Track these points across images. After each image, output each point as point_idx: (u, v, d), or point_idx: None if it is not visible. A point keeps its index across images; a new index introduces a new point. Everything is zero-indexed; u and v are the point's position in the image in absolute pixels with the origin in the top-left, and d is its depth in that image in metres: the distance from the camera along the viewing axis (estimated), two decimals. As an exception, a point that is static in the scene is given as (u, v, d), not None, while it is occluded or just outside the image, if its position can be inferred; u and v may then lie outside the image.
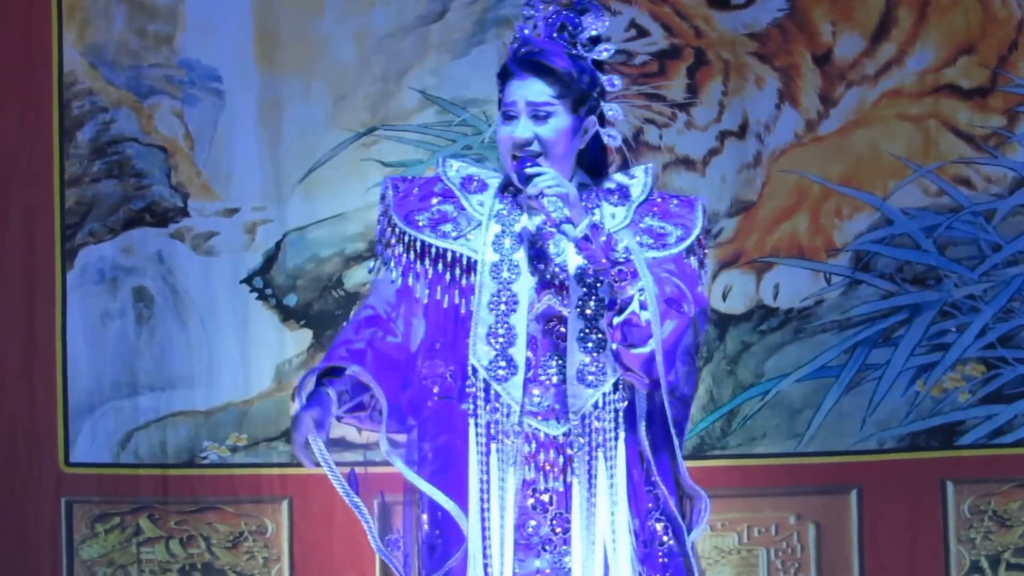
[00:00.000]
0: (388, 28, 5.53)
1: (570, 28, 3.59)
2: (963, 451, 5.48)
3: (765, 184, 5.55)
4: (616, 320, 3.46)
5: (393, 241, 3.61)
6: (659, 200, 3.66)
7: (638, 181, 3.66)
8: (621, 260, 3.45)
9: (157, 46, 5.54)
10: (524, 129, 3.53)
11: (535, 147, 3.53)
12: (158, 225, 5.53)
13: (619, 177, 3.65)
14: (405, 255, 3.59)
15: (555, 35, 3.59)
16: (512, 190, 3.61)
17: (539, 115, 3.53)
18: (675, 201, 3.68)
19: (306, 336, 5.51)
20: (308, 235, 5.50)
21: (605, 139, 3.59)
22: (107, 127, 5.54)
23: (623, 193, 3.63)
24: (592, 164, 3.65)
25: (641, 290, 3.44)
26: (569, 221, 3.43)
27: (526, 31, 3.61)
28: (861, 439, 5.48)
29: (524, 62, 3.56)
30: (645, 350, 3.45)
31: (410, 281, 3.58)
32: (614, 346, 3.49)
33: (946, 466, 5.47)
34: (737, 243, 5.55)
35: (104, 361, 5.50)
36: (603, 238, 3.46)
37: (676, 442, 3.51)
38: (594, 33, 3.62)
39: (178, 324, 5.51)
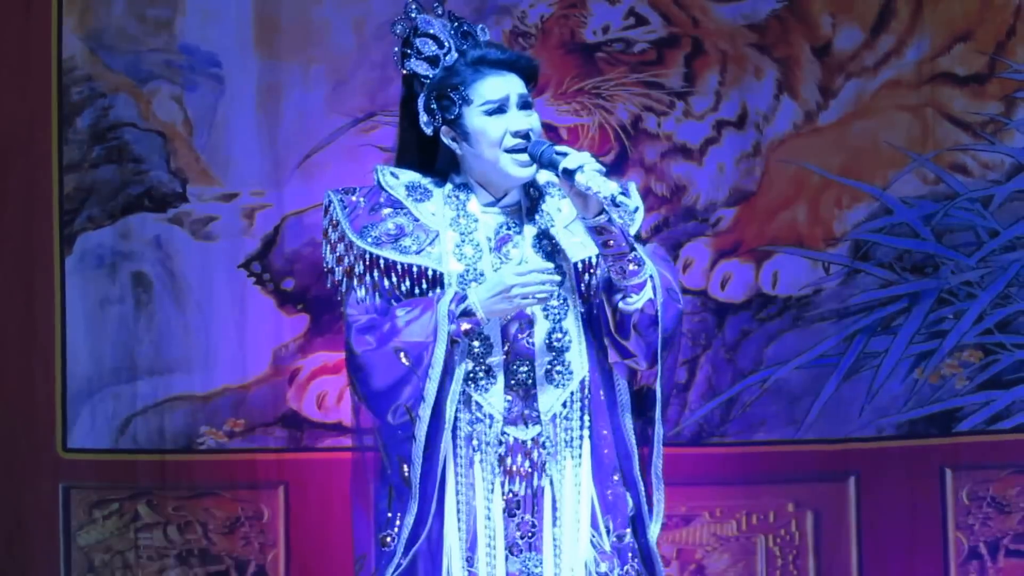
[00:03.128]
0: (387, 14, 5.51)
1: (473, 35, 3.65)
2: (961, 437, 5.48)
3: (764, 174, 5.56)
4: (634, 304, 3.47)
5: (350, 259, 3.59)
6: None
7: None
8: (635, 248, 3.50)
9: (157, 31, 5.55)
10: (522, 120, 3.56)
11: (532, 137, 3.56)
12: (157, 210, 5.53)
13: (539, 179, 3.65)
14: (368, 274, 3.57)
15: (465, 41, 3.63)
16: (464, 196, 3.60)
17: (527, 106, 3.58)
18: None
19: (303, 320, 5.51)
20: (306, 219, 5.50)
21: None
22: (106, 113, 5.54)
23: (536, 187, 3.64)
24: None
25: (651, 276, 3.49)
26: (623, 192, 3.44)
27: (425, 49, 3.64)
28: (860, 426, 5.48)
29: (499, 61, 3.60)
30: (654, 337, 3.49)
31: (377, 300, 3.57)
32: (615, 333, 3.52)
33: (945, 452, 5.47)
34: (736, 232, 5.56)
35: (103, 346, 5.51)
36: (615, 225, 3.48)
37: (656, 435, 3.53)
38: (486, 40, 3.68)
39: (176, 309, 5.52)
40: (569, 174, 3.44)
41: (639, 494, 3.56)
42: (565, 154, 3.48)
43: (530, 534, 3.53)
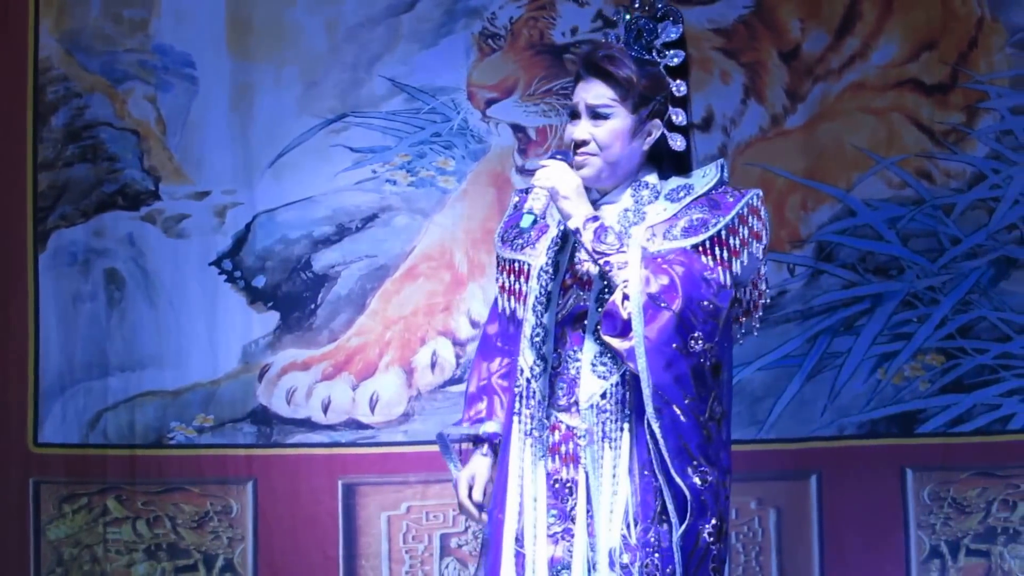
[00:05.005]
0: (359, 17, 5.61)
1: (645, 35, 3.69)
2: (923, 439, 5.53)
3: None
4: (603, 308, 3.56)
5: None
6: (718, 193, 3.71)
7: (707, 177, 3.72)
8: (611, 252, 3.54)
9: (132, 32, 5.60)
10: (582, 129, 3.65)
11: (591, 147, 3.65)
12: (130, 208, 5.59)
13: (696, 174, 3.73)
14: (497, 268, 3.80)
15: (632, 41, 3.69)
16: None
17: (598, 115, 3.65)
18: (730, 195, 3.71)
19: (273, 317, 5.56)
20: (277, 218, 5.56)
21: (669, 143, 3.67)
22: (81, 112, 5.60)
23: (687, 190, 3.69)
24: (671, 164, 3.73)
25: (625, 282, 3.52)
26: (531, 212, 3.57)
27: (610, 38, 3.73)
28: (822, 426, 5.53)
29: (590, 65, 3.68)
30: (627, 343, 3.52)
31: (500, 295, 3.78)
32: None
33: (906, 453, 5.52)
34: (702, 235, 5.61)
35: (75, 342, 5.54)
36: (589, 233, 3.56)
37: (659, 438, 3.53)
38: (668, 40, 3.70)
39: (148, 306, 5.56)
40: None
41: (667, 491, 3.57)
42: (545, 166, 3.63)
43: (573, 519, 3.61)
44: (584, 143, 3.64)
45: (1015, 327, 5.55)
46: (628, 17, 3.71)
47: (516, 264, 3.74)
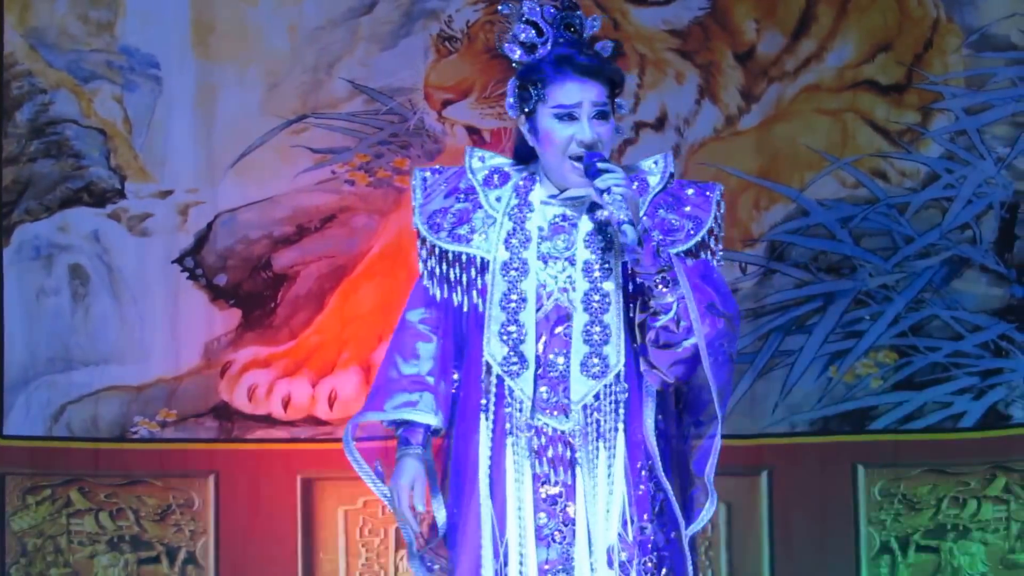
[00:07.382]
0: (319, 20, 5.68)
1: (576, 27, 3.64)
2: (874, 436, 5.58)
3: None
4: (659, 323, 3.51)
5: (419, 244, 3.69)
6: (675, 188, 3.70)
7: (657, 170, 3.70)
8: (667, 268, 3.50)
9: (99, 32, 5.67)
10: (590, 130, 3.56)
11: (598, 148, 3.57)
12: (96, 205, 5.65)
13: (643, 165, 3.71)
14: (429, 259, 3.67)
15: (564, 34, 3.62)
16: (530, 185, 3.65)
17: (601, 116, 3.58)
18: (690, 190, 3.70)
19: (235, 315, 5.64)
20: (239, 217, 5.63)
21: (617, 132, 3.66)
22: (46, 108, 5.65)
23: (642, 185, 3.67)
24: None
25: (681, 298, 3.48)
26: (631, 222, 3.46)
27: (522, 36, 3.63)
28: (773, 423, 5.59)
29: (582, 66, 3.58)
30: (677, 350, 3.51)
31: (434, 285, 3.67)
32: (637, 343, 3.56)
33: (858, 450, 5.57)
34: (658, 233, 5.66)
35: (39, 336, 5.61)
36: (653, 243, 3.49)
37: (718, 439, 3.56)
38: (593, 32, 3.66)
39: (112, 301, 5.62)
40: (601, 193, 3.50)
41: (667, 490, 3.59)
42: (604, 172, 3.50)
43: (571, 522, 3.58)
44: (593, 144, 3.55)
45: (967, 326, 5.61)
46: (557, 12, 3.62)
47: (464, 256, 3.63)
